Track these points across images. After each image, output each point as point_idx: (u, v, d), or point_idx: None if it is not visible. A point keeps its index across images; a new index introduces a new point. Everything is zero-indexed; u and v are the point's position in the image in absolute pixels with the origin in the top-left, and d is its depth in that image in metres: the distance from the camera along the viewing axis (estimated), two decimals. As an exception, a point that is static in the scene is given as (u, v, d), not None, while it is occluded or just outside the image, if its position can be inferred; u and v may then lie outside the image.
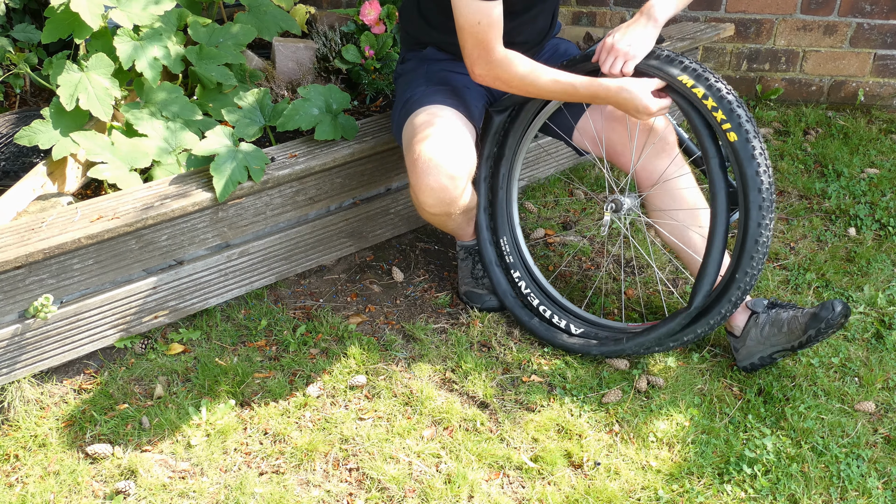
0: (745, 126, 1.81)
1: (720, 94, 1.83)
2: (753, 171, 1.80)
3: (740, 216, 1.85)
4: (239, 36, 2.43)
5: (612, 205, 2.07)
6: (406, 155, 2.00)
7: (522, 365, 2.08)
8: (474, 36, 1.88)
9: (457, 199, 1.97)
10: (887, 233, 2.59)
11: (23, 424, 1.88)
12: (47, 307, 1.89)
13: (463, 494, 1.73)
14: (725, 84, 1.86)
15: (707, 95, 1.83)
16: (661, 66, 1.90)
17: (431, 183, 1.93)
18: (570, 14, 3.42)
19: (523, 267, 2.24)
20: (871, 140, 3.11)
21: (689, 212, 2.04)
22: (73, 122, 2.12)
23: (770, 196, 1.82)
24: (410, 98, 2.11)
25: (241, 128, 2.23)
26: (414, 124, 2.02)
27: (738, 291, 1.88)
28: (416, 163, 1.94)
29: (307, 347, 2.13)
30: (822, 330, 1.86)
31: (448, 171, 1.92)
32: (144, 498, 1.72)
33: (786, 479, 1.76)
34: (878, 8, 3.21)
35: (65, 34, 2.15)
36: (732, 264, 1.89)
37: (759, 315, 1.99)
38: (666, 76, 1.88)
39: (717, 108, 1.82)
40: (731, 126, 1.81)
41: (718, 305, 1.92)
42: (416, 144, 1.96)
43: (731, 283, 1.89)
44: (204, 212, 2.08)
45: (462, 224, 2.21)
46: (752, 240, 1.83)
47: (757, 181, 1.80)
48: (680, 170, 2.06)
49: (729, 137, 1.81)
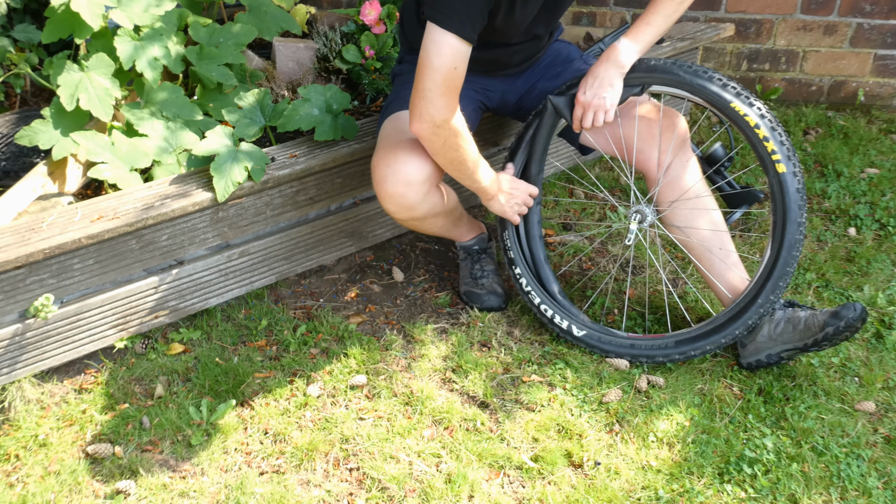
0: (792, 159, 1.89)
1: (771, 125, 1.90)
2: (796, 204, 1.88)
3: (773, 246, 1.91)
4: (239, 36, 2.43)
5: (637, 216, 2.08)
6: (371, 160, 2.01)
7: (522, 365, 2.08)
8: (448, 83, 1.72)
9: (417, 205, 1.97)
10: (887, 233, 2.59)
11: (23, 424, 1.88)
12: (48, 307, 1.89)
13: (463, 494, 1.73)
14: (773, 114, 1.92)
15: (759, 125, 1.89)
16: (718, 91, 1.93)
17: (388, 189, 1.94)
18: (570, 14, 3.42)
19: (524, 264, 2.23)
20: (871, 140, 3.11)
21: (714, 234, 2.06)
22: (73, 122, 2.12)
23: (803, 230, 1.90)
24: (395, 100, 2.12)
25: (242, 128, 2.23)
26: (385, 128, 2.05)
27: (755, 316, 1.95)
28: (376, 168, 1.96)
29: (307, 347, 2.13)
30: (839, 329, 1.86)
31: (404, 178, 1.92)
32: (145, 498, 1.72)
33: (786, 478, 1.76)
34: (879, 8, 3.21)
35: (65, 34, 2.15)
36: (755, 288, 1.94)
37: (776, 311, 1.99)
38: (720, 101, 1.92)
39: (769, 138, 1.89)
40: (780, 157, 1.88)
41: (733, 326, 1.97)
42: (376, 152, 1.98)
43: (750, 305, 1.94)
44: (204, 212, 2.08)
45: (448, 227, 2.20)
46: (781, 269, 1.91)
47: (797, 214, 1.88)
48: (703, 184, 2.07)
49: (777, 168, 1.88)
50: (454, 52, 1.70)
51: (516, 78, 2.23)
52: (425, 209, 2.00)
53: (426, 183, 1.95)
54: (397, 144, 1.95)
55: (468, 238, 2.31)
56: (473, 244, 2.32)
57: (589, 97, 1.97)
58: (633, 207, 2.10)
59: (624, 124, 2.09)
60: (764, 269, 1.93)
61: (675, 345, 2.03)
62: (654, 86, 2.00)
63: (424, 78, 1.72)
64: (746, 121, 1.90)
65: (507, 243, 2.22)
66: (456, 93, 1.75)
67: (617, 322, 2.23)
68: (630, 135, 2.07)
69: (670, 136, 2.03)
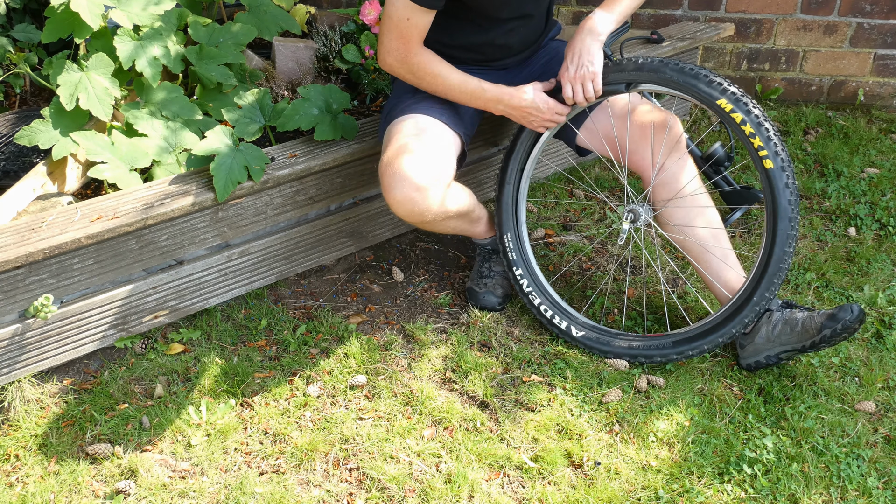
0: (780, 154, 1.87)
1: (758, 121, 1.88)
2: (786, 199, 1.87)
3: (766, 243, 1.90)
4: (239, 36, 2.43)
5: (630, 215, 2.08)
6: (378, 166, 2.01)
7: (522, 365, 2.08)
8: (399, 30, 1.95)
9: (429, 209, 1.96)
10: (887, 233, 2.59)
11: (23, 424, 1.88)
12: (47, 307, 1.89)
13: (463, 494, 1.73)
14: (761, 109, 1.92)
15: (745, 121, 1.88)
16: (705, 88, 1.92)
17: (398, 195, 1.93)
18: (570, 14, 3.42)
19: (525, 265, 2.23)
20: (871, 140, 3.11)
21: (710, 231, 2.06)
22: (73, 122, 2.12)
23: (796, 225, 1.88)
24: (396, 105, 2.12)
25: (241, 127, 2.23)
26: (391, 133, 2.04)
27: (751, 314, 1.94)
28: (383, 176, 1.96)
29: (307, 347, 2.13)
30: (837, 331, 1.85)
31: (415, 183, 1.91)
32: (145, 498, 1.72)
33: (786, 478, 1.76)
34: (879, 8, 3.21)
35: (65, 34, 2.15)
36: (750, 286, 1.93)
37: (773, 313, 1.98)
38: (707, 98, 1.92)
39: (755, 134, 1.88)
40: (767, 153, 1.87)
41: (730, 325, 1.97)
42: (385, 156, 1.98)
43: (746, 303, 1.93)
44: (204, 212, 2.08)
45: (463, 227, 2.20)
46: (775, 265, 1.90)
47: (787, 210, 1.87)
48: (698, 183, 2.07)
49: (765, 164, 1.88)
50: (405, 5, 1.91)
51: (516, 74, 2.23)
52: (436, 213, 1.99)
53: (435, 187, 1.95)
54: (404, 150, 1.95)
55: (485, 237, 2.31)
56: (487, 244, 2.32)
57: (573, 71, 2.00)
58: (626, 207, 2.10)
59: (617, 125, 2.09)
60: (758, 267, 1.92)
61: (672, 345, 2.03)
62: (643, 84, 2.00)
63: (383, 24, 2.00)
64: (733, 118, 1.89)
65: (507, 245, 2.23)
66: (410, 39, 1.97)
67: (616, 322, 2.23)
68: (623, 135, 2.07)
69: (662, 136, 2.03)
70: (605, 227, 2.64)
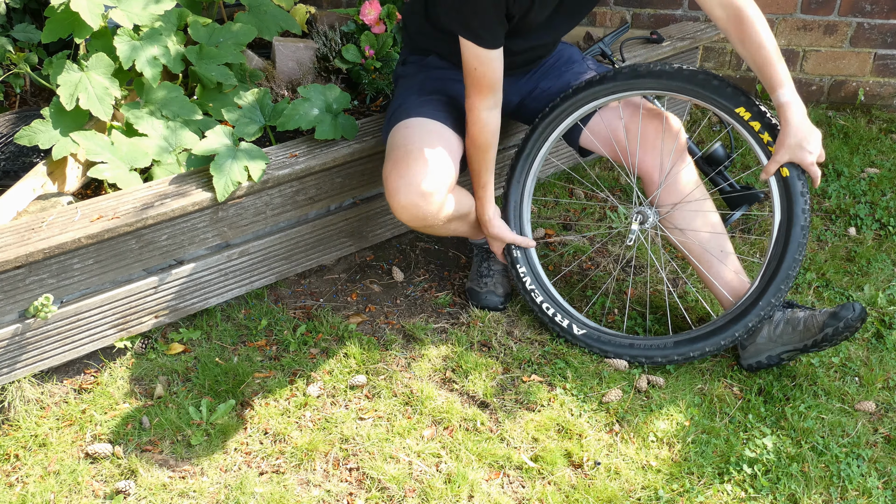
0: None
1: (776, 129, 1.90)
2: (800, 208, 1.88)
3: (776, 250, 1.91)
4: (239, 35, 2.43)
5: (639, 216, 2.08)
6: (383, 169, 2.00)
7: (522, 365, 2.08)
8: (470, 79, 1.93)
9: (433, 214, 1.97)
10: (887, 232, 2.58)
11: (23, 424, 1.88)
12: (47, 307, 1.89)
13: (463, 494, 1.73)
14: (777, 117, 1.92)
15: (763, 129, 1.90)
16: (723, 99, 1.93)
17: (402, 200, 1.93)
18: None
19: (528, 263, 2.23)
20: (871, 140, 3.11)
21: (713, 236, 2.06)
22: (73, 122, 2.12)
23: (807, 234, 1.90)
24: (401, 106, 2.12)
25: (241, 127, 2.23)
26: (395, 137, 2.04)
27: (755, 318, 1.94)
28: (388, 180, 1.96)
29: (307, 347, 2.13)
30: (839, 330, 1.86)
31: (420, 189, 1.92)
32: (145, 498, 1.72)
33: (786, 478, 1.76)
34: (879, 8, 3.21)
35: (65, 34, 2.15)
36: (757, 291, 1.93)
37: (775, 313, 1.98)
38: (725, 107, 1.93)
39: (773, 143, 1.89)
40: None
41: (733, 328, 1.97)
42: (390, 160, 1.98)
43: (751, 308, 1.93)
44: (204, 211, 2.08)
45: (464, 228, 2.20)
46: (784, 272, 1.90)
47: (801, 218, 1.88)
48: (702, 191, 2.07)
49: (782, 172, 1.89)
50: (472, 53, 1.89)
51: (520, 78, 2.23)
52: (441, 217, 2.00)
53: (440, 192, 1.95)
54: (409, 154, 1.95)
55: (482, 237, 2.31)
56: (484, 243, 2.32)
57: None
58: (634, 208, 2.10)
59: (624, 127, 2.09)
60: (766, 273, 1.93)
61: (674, 345, 2.03)
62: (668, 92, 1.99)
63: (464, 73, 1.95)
64: (751, 126, 1.90)
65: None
66: (481, 88, 1.94)
67: (617, 322, 2.23)
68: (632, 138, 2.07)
69: (671, 140, 2.03)
70: (606, 227, 2.64)
